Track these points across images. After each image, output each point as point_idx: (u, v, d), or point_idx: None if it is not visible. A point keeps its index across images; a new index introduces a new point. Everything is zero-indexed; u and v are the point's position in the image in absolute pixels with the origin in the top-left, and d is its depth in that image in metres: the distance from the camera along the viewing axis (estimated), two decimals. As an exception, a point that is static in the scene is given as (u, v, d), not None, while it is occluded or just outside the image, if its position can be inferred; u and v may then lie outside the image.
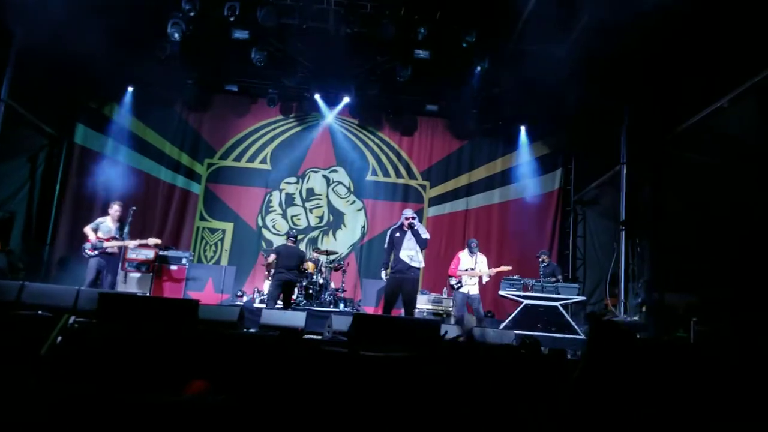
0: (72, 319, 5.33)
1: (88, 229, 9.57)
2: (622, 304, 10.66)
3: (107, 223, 9.64)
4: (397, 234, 8.92)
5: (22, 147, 12.28)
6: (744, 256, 7.42)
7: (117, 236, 9.59)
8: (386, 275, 9.12)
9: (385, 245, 9.14)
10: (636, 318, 9.39)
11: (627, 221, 10.85)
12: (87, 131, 13.73)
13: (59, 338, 5.13)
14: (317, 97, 13.99)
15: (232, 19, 10.75)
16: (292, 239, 10.85)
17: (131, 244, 9.81)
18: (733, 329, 6.48)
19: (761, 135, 7.46)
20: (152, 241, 9.96)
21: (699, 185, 8.99)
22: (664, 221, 9.92)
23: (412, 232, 8.81)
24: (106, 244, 9.42)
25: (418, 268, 8.87)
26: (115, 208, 9.76)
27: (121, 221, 9.78)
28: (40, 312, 6.15)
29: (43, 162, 12.97)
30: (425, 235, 8.99)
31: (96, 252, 9.36)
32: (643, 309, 9.07)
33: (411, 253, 8.72)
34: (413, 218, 8.97)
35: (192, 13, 10.64)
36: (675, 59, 9.68)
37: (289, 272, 10.36)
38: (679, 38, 9.32)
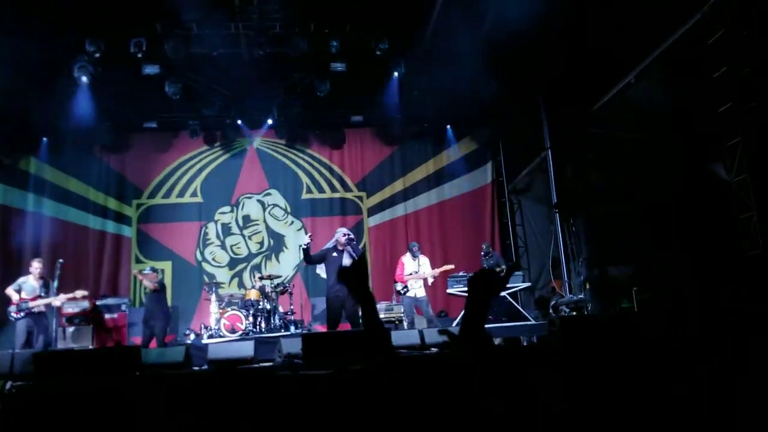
0: (8, 384, 5.10)
1: (10, 291, 9.17)
2: (566, 284, 10.86)
3: (30, 282, 9.23)
4: (334, 254, 8.68)
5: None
6: (669, 219, 7.68)
7: (42, 294, 9.19)
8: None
9: (313, 254, 8.78)
10: (581, 295, 9.57)
11: (559, 203, 11.07)
12: (6, 188, 13.22)
13: (-2, 406, 4.89)
14: (240, 122, 13.79)
15: (139, 55, 10.53)
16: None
17: (57, 300, 9.35)
18: (672, 295, 6.67)
19: (667, 103, 7.73)
20: (79, 293, 9.52)
21: (619, 159, 9.26)
22: (593, 198, 10.16)
23: (352, 249, 8.64)
24: (31, 303, 9.04)
25: None
26: (35, 266, 9.37)
27: (44, 278, 9.39)
28: (-26, 383, 5.85)
29: (-35, 226, 12.46)
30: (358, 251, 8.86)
31: (22, 314, 8.99)
32: (587, 286, 9.26)
33: None
34: (349, 234, 8.77)
35: (97, 55, 10.39)
36: (581, 41, 9.94)
37: None
38: (583, 19, 9.59)
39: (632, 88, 8.76)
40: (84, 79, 10.71)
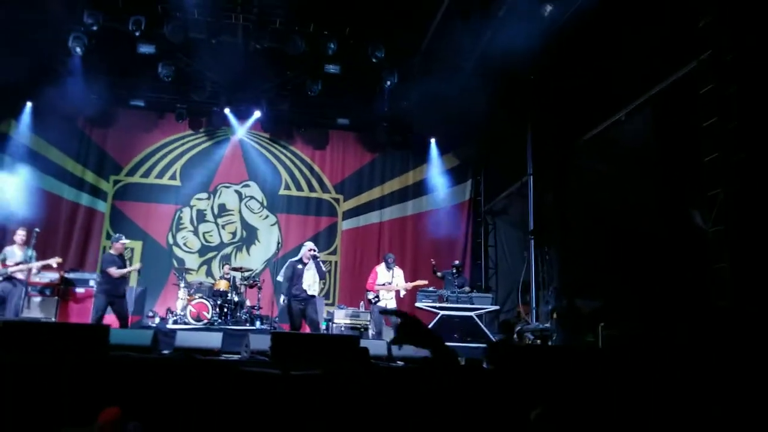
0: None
1: None
2: (534, 311, 11.03)
3: (14, 249, 9.39)
4: (299, 266, 9.35)
5: None
6: (642, 259, 7.88)
7: (22, 261, 9.27)
8: (284, 300, 9.68)
9: (282, 276, 9.64)
10: (547, 324, 9.73)
11: (535, 230, 11.25)
12: (-19, 148, 12.95)
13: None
14: (227, 111, 13.73)
15: (137, 33, 10.49)
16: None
17: (35, 267, 9.41)
18: (640, 332, 6.83)
19: (655, 145, 7.94)
20: (53, 261, 9.62)
21: (600, 194, 9.45)
22: (570, 229, 10.35)
23: (314, 263, 9.33)
24: (10, 269, 9.15)
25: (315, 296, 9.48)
26: (20, 233, 9.51)
27: (26, 245, 9.49)
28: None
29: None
30: (324, 267, 9.88)
31: (0, 278, 9.08)
32: (554, 315, 9.42)
33: (309, 283, 9.24)
34: (315, 250, 9.55)
35: (94, 27, 10.32)
36: (576, 74, 10.15)
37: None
38: (579, 54, 9.80)
39: (621, 126, 8.96)
40: (78, 50, 10.63)
